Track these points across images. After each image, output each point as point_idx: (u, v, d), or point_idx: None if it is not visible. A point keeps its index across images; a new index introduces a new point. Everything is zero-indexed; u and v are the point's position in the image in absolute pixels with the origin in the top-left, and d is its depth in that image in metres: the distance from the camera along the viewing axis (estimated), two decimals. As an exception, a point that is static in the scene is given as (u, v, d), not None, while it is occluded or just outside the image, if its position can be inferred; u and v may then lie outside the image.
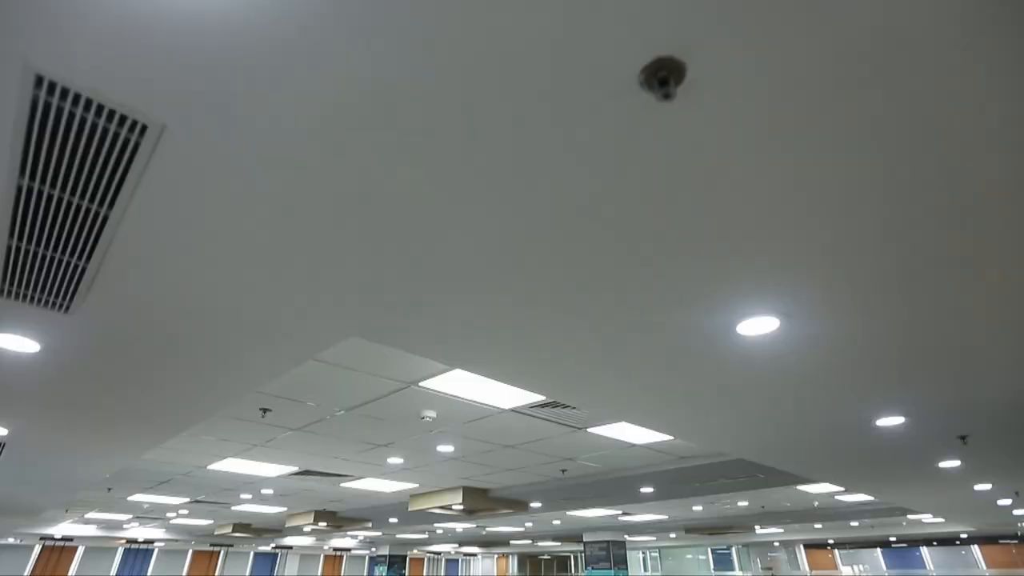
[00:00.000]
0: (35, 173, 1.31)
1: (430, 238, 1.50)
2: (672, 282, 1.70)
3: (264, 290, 1.77)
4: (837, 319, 1.95)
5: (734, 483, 6.00)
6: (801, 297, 1.80)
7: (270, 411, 3.92)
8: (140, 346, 2.22)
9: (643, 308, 1.86)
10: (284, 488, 7.26)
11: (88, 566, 15.13)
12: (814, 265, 1.62)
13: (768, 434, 3.48)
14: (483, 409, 3.86)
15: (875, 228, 1.46)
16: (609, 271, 1.65)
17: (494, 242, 1.52)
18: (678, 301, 1.82)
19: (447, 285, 1.73)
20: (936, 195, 1.35)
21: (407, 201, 1.37)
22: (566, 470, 5.85)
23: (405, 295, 1.78)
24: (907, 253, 1.57)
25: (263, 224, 1.46)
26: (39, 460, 4.42)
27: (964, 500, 6.53)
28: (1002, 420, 3.24)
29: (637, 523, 10.44)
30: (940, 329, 2.04)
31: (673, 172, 1.27)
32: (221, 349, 2.23)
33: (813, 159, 1.24)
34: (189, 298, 1.85)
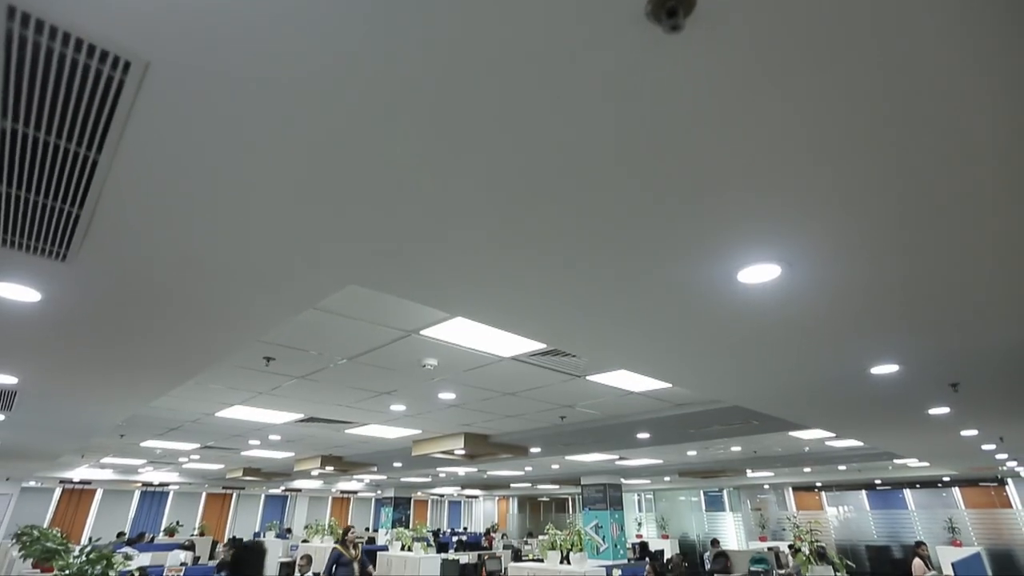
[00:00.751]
0: (18, 114, 1.26)
1: (429, 186, 1.47)
2: (673, 228, 1.68)
3: (261, 238, 1.76)
4: (838, 267, 1.95)
5: (728, 429, 6.17)
6: (803, 245, 1.79)
7: (274, 360, 3.98)
8: (140, 295, 2.22)
9: (643, 255, 1.85)
10: (290, 434, 7.48)
11: (107, 508, 15.82)
12: (817, 212, 1.59)
13: (765, 382, 3.54)
14: (484, 357, 3.92)
15: (878, 174, 1.43)
16: (609, 217, 1.62)
17: (492, 190, 1.49)
18: (679, 248, 1.80)
19: (446, 233, 1.71)
20: (939, 141, 1.31)
21: (406, 148, 1.33)
22: (565, 417, 6.01)
23: (404, 243, 1.76)
24: (910, 201, 1.54)
25: (257, 171, 1.43)
26: (51, 407, 4.53)
27: (950, 445, 6.74)
28: (993, 368, 3.29)
29: (633, 467, 10.83)
30: (940, 278, 2.03)
31: (677, 111, 1.22)
32: (220, 298, 2.24)
33: (816, 101, 1.19)
34: (186, 246, 1.83)
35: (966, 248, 1.82)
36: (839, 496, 14.81)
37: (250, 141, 1.33)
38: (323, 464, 9.78)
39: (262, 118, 1.26)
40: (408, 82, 1.15)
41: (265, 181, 1.48)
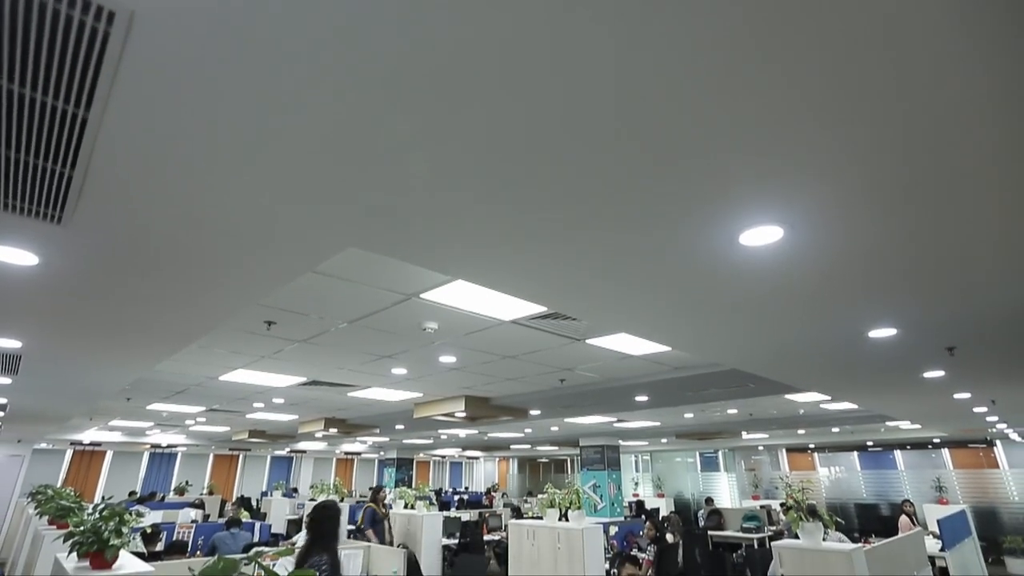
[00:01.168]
0: (1, 69, 1.23)
1: (428, 146, 1.44)
2: (674, 189, 1.66)
3: (259, 199, 1.73)
4: (840, 230, 1.93)
5: (725, 392, 6.27)
6: (805, 207, 1.77)
7: (275, 324, 4.00)
8: (137, 258, 2.21)
9: (644, 218, 1.83)
10: (294, 397, 7.61)
11: (118, 469, 16.24)
12: (820, 173, 1.57)
13: (764, 345, 3.57)
14: (484, 321, 3.94)
15: (880, 136, 1.40)
16: (610, 179, 1.60)
17: (492, 152, 1.46)
18: (681, 210, 1.78)
19: (446, 195, 1.68)
20: (943, 103, 1.28)
21: (406, 108, 1.29)
22: (564, 380, 6.09)
23: (403, 205, 1.74)
24: (912, 163, 1.51)
25: (253, 130, 1.40)
26: (56, 371, 4.59)
27: (943, 408, 6.86)
28: (990, 332, 3.31)
29: (631, 429, 11.05)
30: (940, 241, 2.02)
31: (680, 65, 1.18)
32: (219, 261, 2.23)
33: (819, 55, 1.15)
34: (182, 208, 1.81)
35: (965, 212, 1.80)
36: (831, 457, 15.18)
37: (244, 97, 1.29)
38: (326, 426, 9.97)
39: (254, 71, 1.22)
40: (412, 42, 1.11)
41: (262, 140, 1.45)
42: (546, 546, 5.93)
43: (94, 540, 3.12)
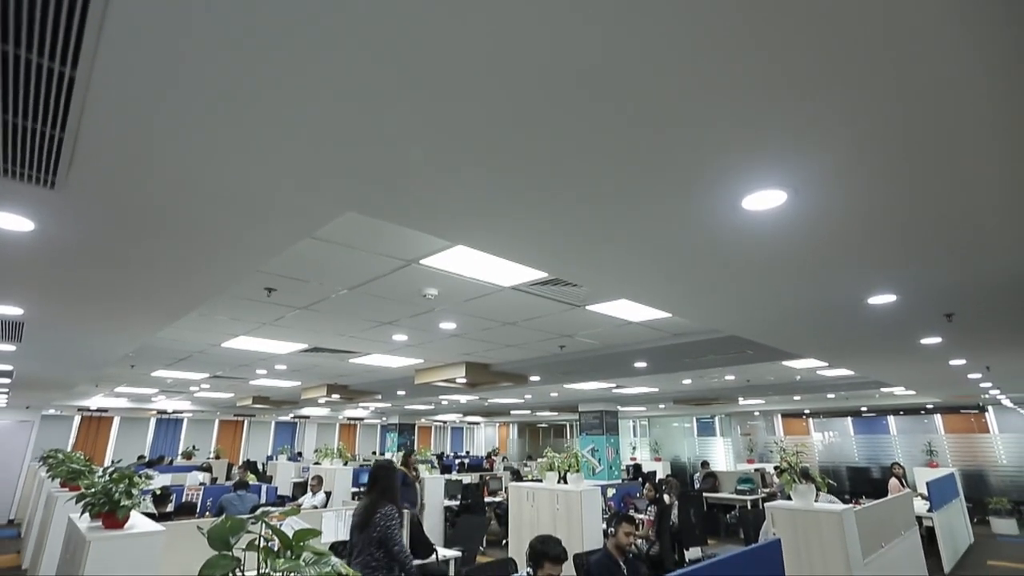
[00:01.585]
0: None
1: (426, 109, 1.41)
2: (677, 151, 1.63)
3: (256, 163, 1.71)
4: (843, 193, 1.91)
5: (723, 359, 6.33)
6: (810, 170, 1.74)
7: (275, 290, 4.00)
8: (133, 223, 2.19)
9: (648, 182, 1.80)
10: (296, 364, 7.68)
11: (125, 434, 16.57)
12: (825, 136, 1.53)
13: (764, 311, 3.58)
14: (484, 287, 3.94)
15: (885, 98, 1.36)
16: (612, 142, 1.57)
17: (492, 116, 1.42)
18: (683, 175, 1.76)
19: (445, 159, 1.65)
20: (949, 66, 1.24)
21: (405, 71, 1.25)
22: (564, 346, 6.14)
23: (403, 169, 1.71)
24: (916, 126, 1.48)
25: (247, 90, 1.36)
26: (59, 338, 4.62)
27: (938, 374, 6.94)
28: (988, 299, 3.32)
29: (629, 395, 11.21)
30: (942, 206, 1.99)
31: (677, 28, 1.14)
32: (216, 226, 2.21)
33: (816, 17, 1.11)
34: (177, 172, 1.79)
35: (964, 177, 1.77)
36: (825, 422, 15.47)
37: (234, 51, 1.25)
38: (329, 392, 10.12)
39: (247, 26, 1.18)
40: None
41: (257, 101, 1.41)
42: (545, 508, 6.10)
43: (105, 501, 3.20)
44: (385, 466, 3.63)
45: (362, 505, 3.44)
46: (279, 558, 1.46)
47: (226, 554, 1.45)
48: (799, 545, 4.23)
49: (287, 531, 1.53)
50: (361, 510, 3.39)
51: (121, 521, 3.16)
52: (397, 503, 3.45)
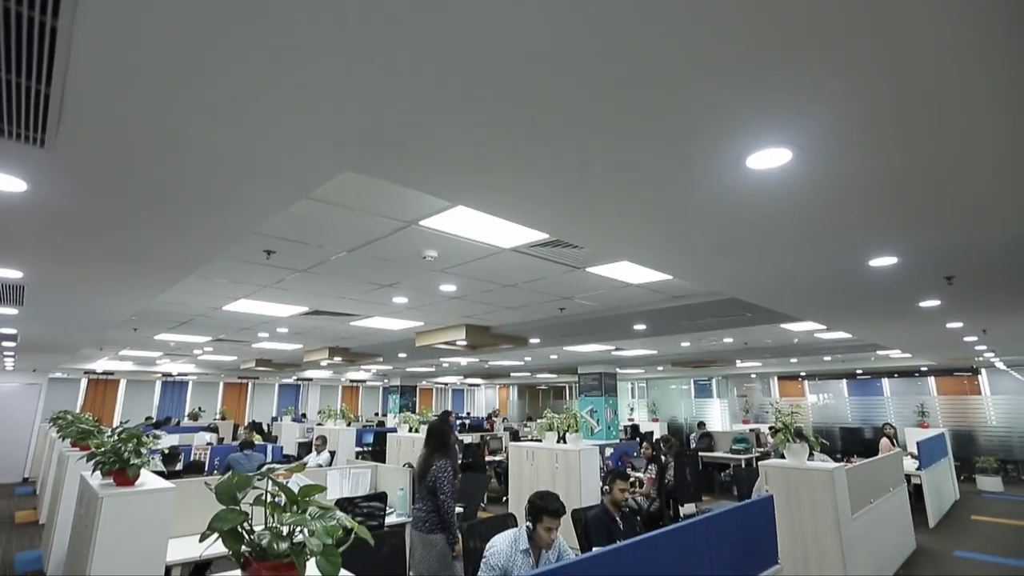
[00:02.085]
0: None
1: (426, 65, 1.36)
2: (681, 108, 1.58)
3: (249, 121, 1.66)
4: (849, 152, 1.87)
5: (722, 321, 6.37)
6: (816, 127, 1.70)
7: (274, 253, 3.99)
8: (126, 183, 2.15)
9: (651, 139, 1.76)
10: (297, 327, 7.74)
11: (132, 396, 16.87)
12: (832, 92, 1.49)
13: (765, 273, 3.57)
14: (484, 248, 3.92)
15: (892, 54, 1.31)
16: (615, 99, 1.52)
17: (491, 70, 1.37)
18: (687, 129, 1.71)
19: (445, 117, 1.61)
20: (959, 23, 1.19)
21: (400, 22, 1.20)
22: (564, 308, 6.16)
23: (401, 127, 1.67)
24: (924, 85, 1.43)
25: (241, 45, 1.31)
26: (60, 302, 4.63)
27: (935, 337, 7.00)
28: (988, 261, 3.31)
29: (628, 357, 11.34)
30: (946, 166, 1.96)
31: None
32: (211, 188, 2.17)
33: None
34: (168, 130, 1.74)
35: (967, 137, 1.73)
36: (821, 384, 15.71)
37: (224, 4, 1.20)
38: (331, 355, 10.23)
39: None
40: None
41: (251, 56, 1.36)
42: (544, 466, 6.26)
43: (115, 460, 3.28)
44: (440, 424, 3.95)
45: (421, 457, 3.79)
46: (285, 512, 1.50)
47: (234, 508, 1.49)
48: (791, 501, 4.37)
49: (292, 487, 1.56)
50: (420, 462, 3.76)
51: (132, 479, 3.25)
52: (451, 457, 3.79)
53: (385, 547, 2.86)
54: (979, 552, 5.94)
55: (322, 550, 1.40)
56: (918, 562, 5.59)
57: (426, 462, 3.70)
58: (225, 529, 1.43)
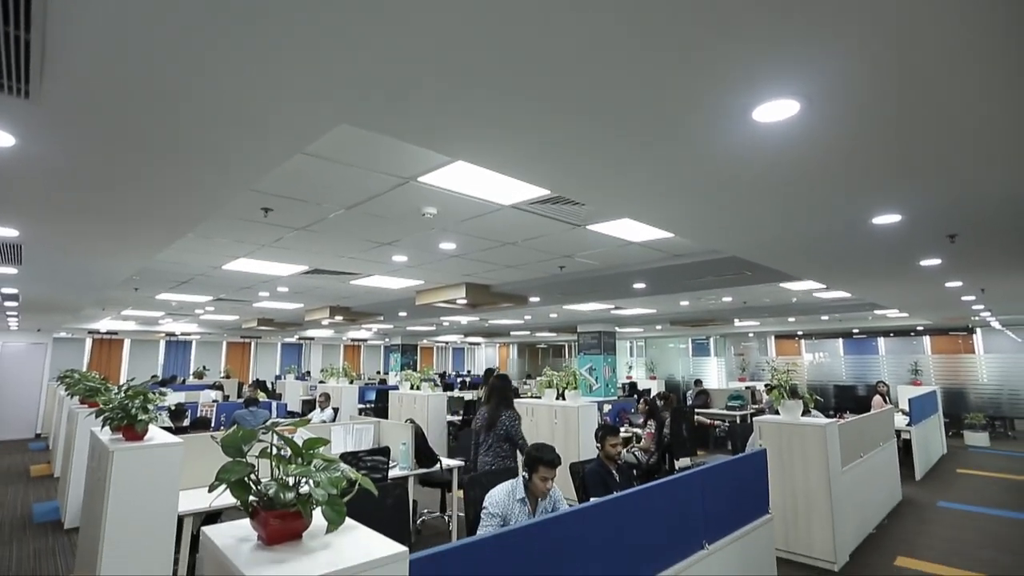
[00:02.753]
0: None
1: (425, 14, 1.29)
2: (687, 58, 1.52)
3: (239, 68, 1.60)
4: (859, 105, 1.81)
5: (722, 280, 6.37)
6: (824, 77, 1.64)
7: (272, 211, 3.94)
8: (116, 138, 2.10)
9: (656, 91, 1.71)
10: (298, 286, 7.75)
11: (137, 356, 17.09)
12: (841, 39, 1.43)
13: (768, 231, 3.55)
14: (484, 205, 3.88)
15: (903, 2, 1.25)
16: (613, 49, 1.46)
17: (489, 17, 1.31)
18: (693, 81, 1.66)
19: (444, 68, 1.55)
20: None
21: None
22: (564, 267, 6.15)
23: (400, 79, 1.61)
24: (936, 36, 1.37)
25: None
26: (59, 261, 4.61)
27: (933, 296, 7.02)
28: (991, 219, 3.27)
29: (627, 316, 11.42)
30: (957, 120, 1.90)
31: None
32: (203, 142, 2.12)
33: None
34: (156, 83, 1.68)
35: (977, 90, 1.67)
36: (817, 344, 15.90)
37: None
38: (332, 314, 10.29)
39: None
40: None
41: (243, 3, 1.30)
42: (544, 422, 6.40)
43: (123, 416, 3.35)
44: (501, 382, 4.51)
45: (486, 410, 4.39)
46: (290, 464, 1.53)
47: (240, 460, 1.53)
48: (783, 455, 4.49)
49: (297, 442, 1.60)
50: (486, 414, 4.36)
51: (140, 434, 3.32)
52: (513, 407, 4.42)
53: (389, 498, 2.95)
54: (961, 503, 6.16)
55: (327, 500, 1.44)
56: (903, 512, 5.80)
57: (493, 414, 4.29)
58: (232, 480, 1.47)
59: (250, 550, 1.38)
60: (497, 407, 4.33)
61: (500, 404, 4.36)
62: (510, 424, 4.23)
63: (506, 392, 4.45)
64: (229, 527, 1.56)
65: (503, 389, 4.44)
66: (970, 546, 4.74)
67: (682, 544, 2.52)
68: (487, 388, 4.50)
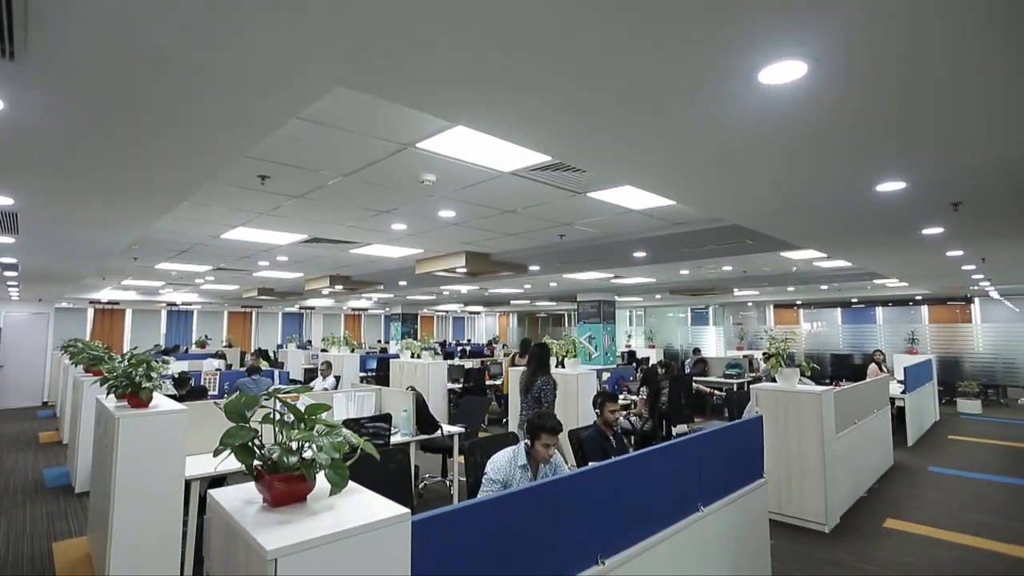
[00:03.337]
0: None
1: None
2: (692, 18, 1.47)
3: (232, 33, 1.55)
4: (869, 66, 1.76)
5: (723, 249, 6.34)
6: (834, 37, 1.59)
7: (268, 178, 3.89)
8: (107, 102, 2.05)
9: (660, 53, 1.66)
10: (297, 255, 7.73)
11: (139, 325, 17.18)
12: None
13: (771, 199, 3.51)
14: (483, 172, 3.83)
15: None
16: (617, 5, 1.41)
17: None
18: (698, 41, 1.60)
19: (440, 27, 1.50)
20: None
21: None
22: (564, 235, 6.12)
23: (397, 38, 1.56)
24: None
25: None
26: (56, 230, 4.58)
27: (933, 265, 7.00)
28: (996, 187, 3.23)
29: (627, 285, 11.44)
30: (967, 83, 1.85)
31: None
32: (195, 107, 2.07)
33: None
34: (144, 43, 1.63)
35: (986, 53, 1.62)
36: (815, 313, 15.97)
37: None
38: (332, 283, 10.30)
39: None
40: None
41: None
42: (543, 389, 6.47)
43: (127, 383, 3.39)
44: (540, 349, 5.00)
45: (525, 374, 4.93)
46: (293, 429, 1.56)
47: (243, 425, 1.55)
48: (779, 422, 4.56)
49: (299, 409, 1.61)
50: (524, 378, 4.89)
51: (145, 401, 3.36)
52: (550, 374, 4.86)
53: (392, 463, 3.01)
54: (951, 468, 6.30)
55: (330, 463, 1.46)
56: (894, 476, 5.93)
57: (531, 378, 4.79)
58: (236, 444, 1.49)
59: (256, 512, 1.41)
60: (534, 373, 4.79)
61: (537, 370, 4.80)
62: (544, 388, 4.69)
63: (544, 359, 4.91)
64: (235, 490, 1.59)
65: (542, 356, 4.90)
66: (957, 509, 4.87)
67: (678, 506, 2.58)
68: (529, 355, 5.00)
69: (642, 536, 2.31)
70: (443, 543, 1.53)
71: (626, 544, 2.22)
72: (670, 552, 2.46)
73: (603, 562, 2.07)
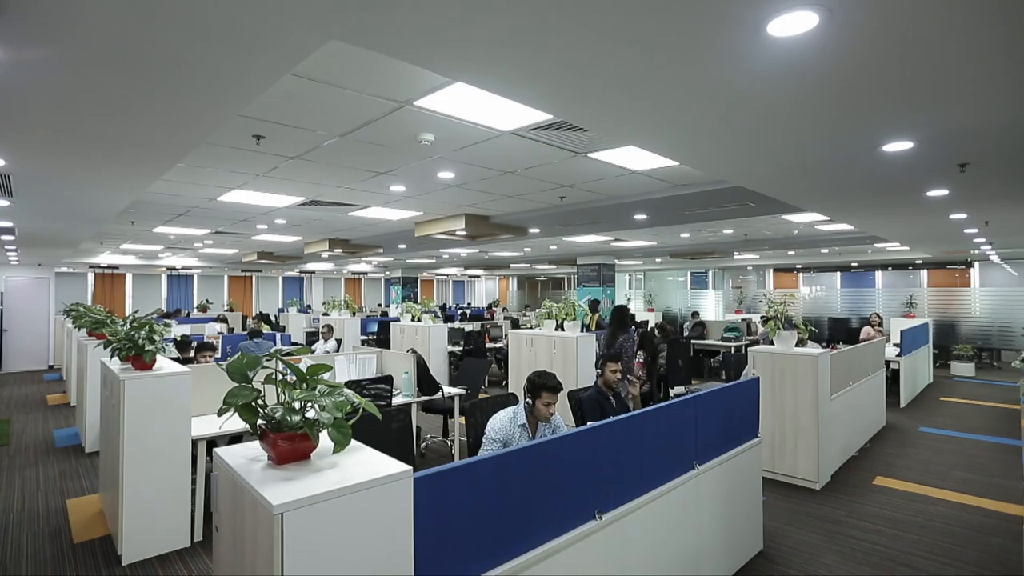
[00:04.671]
0: None
1: None
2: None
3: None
4: (883, 18, 1.69)
5: (725, 211, 6.28)
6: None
7: (264, 138, 3.81)
8: (92, 57, 1.98)
9: (663, 6, 1.59)
10: (295, 218, 7.67)
11: (140, 290, 17.23)
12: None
13: (776, 160, 3.45)
14: (483, 132, 3.75)
15: None
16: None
17: None
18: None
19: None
20: None
21: None
22: (564, 197, 6.06)
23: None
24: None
25: None
26: (50, 192, 4.52)
27: (936, 228, 6.95)
28: (1003, 148, 3.17)
29: (627, 248, 11.39)
30: (981, 34, 1.78)
31: None
32: (183, 60, 2.00)
33: None
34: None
35: (1004, 3, 1.55)
36: (815, 277, 15.98)
37: None
38: (331, 247, 10.26)
39: None
40: None
41: None
42: (543, 352, 6.54)
43: (131, 346, 3.41)
44: (620, 311, 5.87)
45: (607, 332, 5.78)
46: (296, 389, 1.57)
47: (246, 385, 1.57)
48: (775, 383, 4.63)
49: (302, 368, 1.63)
50: (607, 335, 5.74)
51: (149, 363, 3.40)
52: (629, 333, 5.73)
53: (394, 423, 3.06)
54: (941, 428, 6.44)
55: (332, 422, 1.49)
56: (886, 436, 6.07)
57: (612, 337, 5.63)
58: (239, 404, 1.51)
59: (261, 469, 1.44)
60: (615, 332, 5.62)
61: (617, 330, 5.61)
62: (625, 345, 5.52)
63: (624, 320, 5.75)
64: (241, 448, 1.62)
65: (621, 317, 5.75)
66: (945, 467, 5.00)
67: (675, 464, 2.64)
68: (610, 316, 5.88)
69: (639, 492, 2.37)
70: (444, 499, 1.57)
71: (623, 500, 2.28)
72: (666, 507, 2.53)
73: (601, 517, 2.14)
